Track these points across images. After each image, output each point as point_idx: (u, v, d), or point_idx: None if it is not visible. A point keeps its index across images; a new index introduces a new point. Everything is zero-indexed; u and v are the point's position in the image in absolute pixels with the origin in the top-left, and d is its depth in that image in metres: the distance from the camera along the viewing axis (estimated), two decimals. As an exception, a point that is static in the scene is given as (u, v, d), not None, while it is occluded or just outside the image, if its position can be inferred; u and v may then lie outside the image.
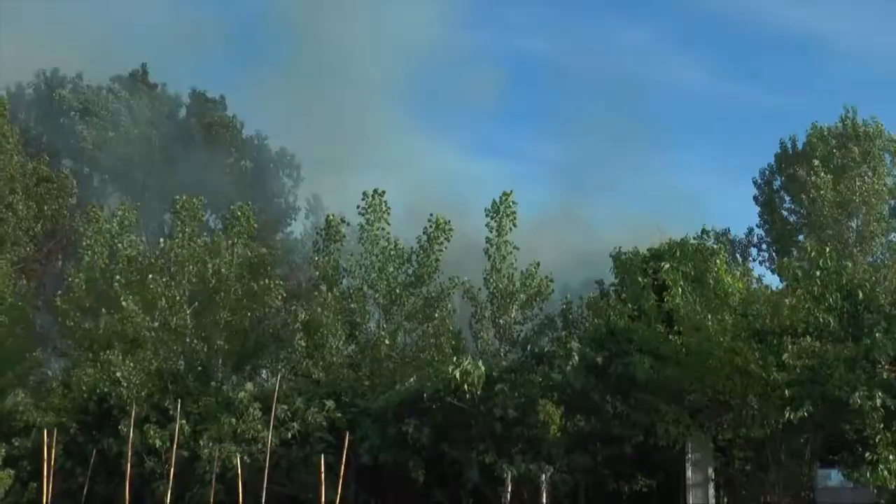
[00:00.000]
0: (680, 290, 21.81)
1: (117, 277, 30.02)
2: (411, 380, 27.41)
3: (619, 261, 28.41)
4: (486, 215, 28.96)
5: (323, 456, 15.26)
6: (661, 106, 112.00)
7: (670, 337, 22.53)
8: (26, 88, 60.83)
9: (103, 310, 30.50)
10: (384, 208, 30.24)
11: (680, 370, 22.28)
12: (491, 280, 28.66)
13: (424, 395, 25.84)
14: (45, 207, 47.80)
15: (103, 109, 59.49)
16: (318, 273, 30.92)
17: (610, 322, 26.30)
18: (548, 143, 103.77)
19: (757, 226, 44.83)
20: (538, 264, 29.21)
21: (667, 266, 22.81)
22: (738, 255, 42.54)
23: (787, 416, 21.15)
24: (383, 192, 30.50)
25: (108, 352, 29.01)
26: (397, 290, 29.76)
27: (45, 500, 15.80)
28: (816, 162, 40.00)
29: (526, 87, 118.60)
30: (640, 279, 25.17)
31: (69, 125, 58.98)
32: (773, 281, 36.08)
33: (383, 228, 30.12)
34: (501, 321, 28.73)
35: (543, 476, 13.51)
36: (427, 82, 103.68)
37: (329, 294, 29.77)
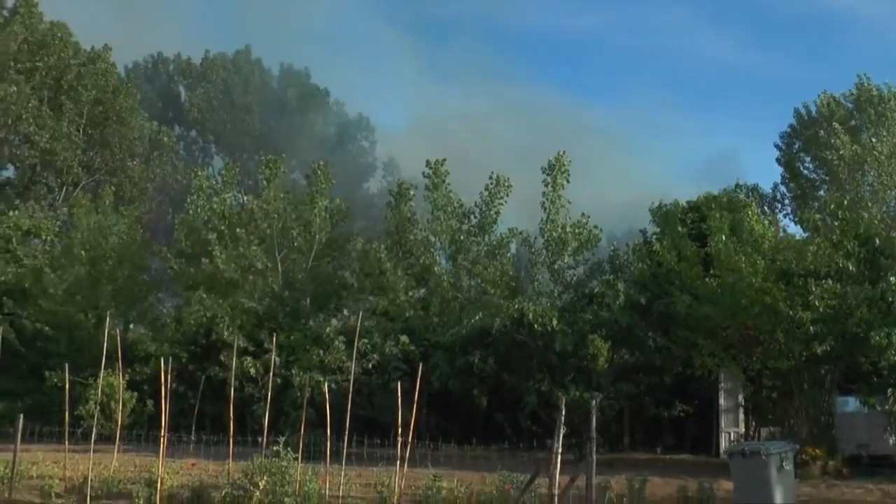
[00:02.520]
0: (723, 237, 21.89)
1: (213, 236, 30.69)
2: (477, 317, 27.72)
3: (660, 211, 28.46)
4: (543, 172, 29.12)
5: (399, 383, 15.54)
6: (694, 77, 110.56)
7: (707, 279, 22.53)
8: (142, 66, 61.87)
9: (203, 258, 31.16)
10: (445, 172, 30.65)
11: (715, 308, 22.30)
12: (546, 230, 28.84)
13: (492, 329, 26.18)
14: (158, 169, 48.90)
15: (208, 81, 60.39)
16: (391, 225, 31.32)
17: (652, 266, 26.41)
18: (595, 109, 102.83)
19: (781, 183, 44.58)
20: (588, 216, 29.32)
21: (716, 215, 22.95)
22: (765, 208, 42.24)
23: (810, 349, 21.28)
24: (444, 160, 30.98)
25: (209, 293, 29.72)
26: (461, 240, 30.10)
27: (163, 419, 16.27)
28: (836, 124, 39.65)
29: (573, 62, 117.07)
30: (679, 228, 25.25)
31: (178, 96, 59.91)
32: (797, 231, 35.87)
33: (446, 189, 30.55)
34: (556, 266, 28.89)
35: (593, 402, 13.68)
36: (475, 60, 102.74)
37: (401, 242, 30.24)
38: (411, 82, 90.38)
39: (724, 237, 21.94)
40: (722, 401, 25.30)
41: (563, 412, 12.75)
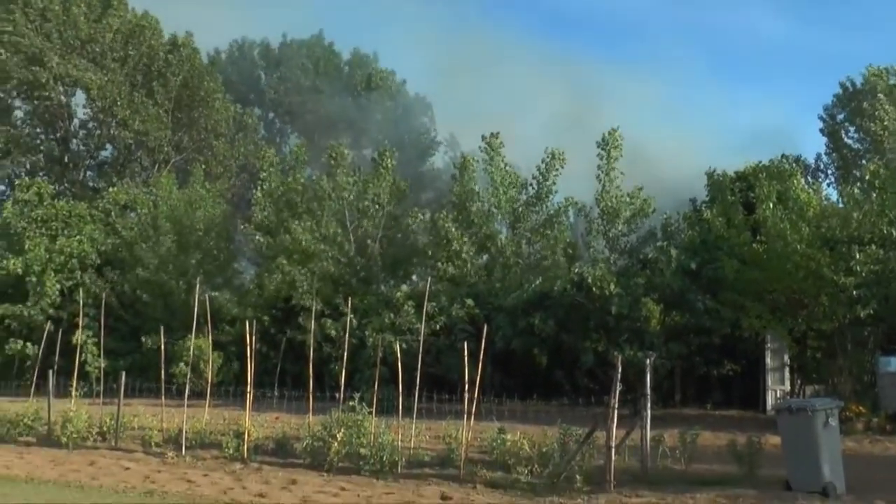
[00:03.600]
0: (771, 204, 21.54)
1: (290, 209, 30.99)
2: (537, 281, 27.68)
3: (711, 179, 28.12)
4: (597, 146, 28.88)
5: (465, 343, 15.59)
6: (741, 50, 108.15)
7: (754, 245, 22.24)
8: (222, 52, 62.38)
9: (281, 229, 31.46)
10: (500, 145, 30.50)
11: (762, 273, 22.00)
12: (601, 200, 28.64)
13: (551, 293, 26.14)
14: (241, 147, 49.44)
15: (285, 65, 60.76)
16: (454, 196, 31.31)
17: (702, 233, 26.13)
18: (644, 82, 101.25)
19: (824, 153, 43.70)
20: (641, 187, 29.06)
21: (765, 183, 22.59)
22: (809, 178, 41.48)
23: (853, 312, 20.93)
24: (498, 133, 30.80)
25: (287, 261, 30.04)
26: (520, 210, 30.01)
27: (248, 376, 16.50)
28: (881, 95, 38.76)
29: (624, 35, 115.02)
30: (729, 196, 24.95)
31: (259, 79, 60.35)
32: (840, 200, 35.19)
33: (501, 162, 30.43)
34: (610, 234, 28.72)
35: (647, 361, 13.60)
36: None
37: (463, 213, 30.23)
38: (466, 61, 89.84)
39: (771, 205, 21.59)
40: (768, 360, 25.03)
41: (619, 370, 12.68)
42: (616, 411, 12.47)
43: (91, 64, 43.69)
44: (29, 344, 31.64)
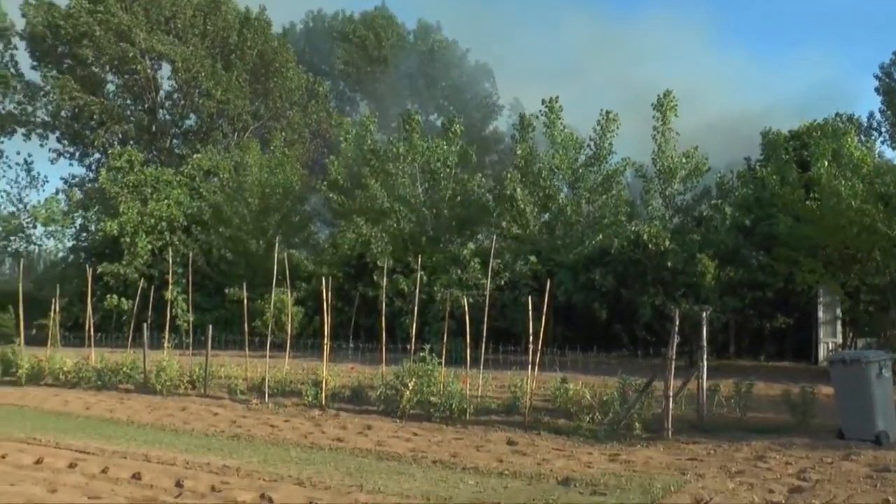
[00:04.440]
0: (826, 162, 21.01)
1: (365, 170, 31.08)
2: (597, 238, 27.47)
3: (766, 138, 27.51)
4: (653, 108, 28.40)
5: (528, 298, 15.56)
6: (795, 9, 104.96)
7: (808, 202, 21.75)
8: (297, 24, 62.67)
9: (356, 191, 31.60)
10: (559, 108, 30.15)
11: (816, 229, 21.54)
12: (657, 160, 28.22)
13: (611, 249, 25.93)
14: (314, 115, 49.75)
15: (353, 36, 60.75)
16: (517, 158, 31.11)
17: (756, 190, 25.64)
18: (698, 42, 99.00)
19: (879, 111, 42.39)
20: (696, 147, 28.53)
21: (819, 141, 22.06)
22: (862, 136, 40.34)
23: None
24: (557, 97, 30.41)
25: (360, 221, 30.19)
26: (579, 170, 29.73)
27: (325, 329, 16.69)
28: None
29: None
30: (783, 155, 24.41)
31: (328, 51, 60.48)
32: (893, 157, 34.25)
33: (561, 124, 30.11)
34: (667, 192, 28.31)
35: (704, 314, 13.42)
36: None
37: (526, 174, 30.04)
38: (525, 29, 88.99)
39: (826, 162, 21.05)
40: (821, 314, 24.58)
41: (677, 323, 12.55)
42: (673, 362, 12.38)
43: (174, 39, 44.31)
44: (125, 299, 32.44)
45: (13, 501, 8.17)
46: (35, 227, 43.76)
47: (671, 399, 12.08)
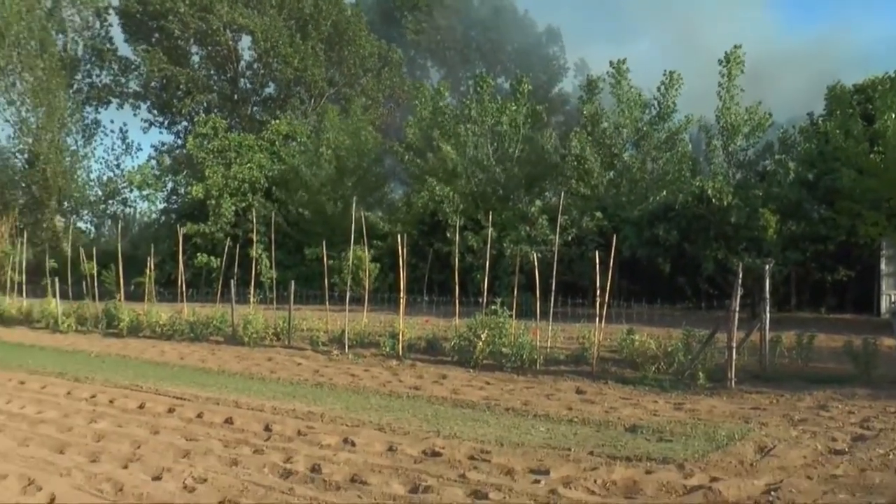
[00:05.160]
0: (893, 115, 20.27)
1: (437, 132, 31.02)
2: (661, 194, 27.10)
3: (832, 92, 26.60)
4: (719, 64, 27.69)
5: (595, 252, 15.45)
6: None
7: (872, 155, 21.06)
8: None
9: (428, 153, 31.61)
10: (625, 70, 29.66)
11: (879, 182, 20.87)
12: (721, 116, 27.58)
13: (674, 205, 25.57)
14: (388, 81, 49.74)
15: (424, 4, 60.35)
16: (583, 118, 30.73)
17: (819, 144, 24.91)
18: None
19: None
20: (759, 102, 27.78)
21: (885, 96, 21.29)
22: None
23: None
24: (625, 59, 30.00)
25: (433, 181, 30.22)
26: (644, 128, 29.27)
27: (400, 284, 16.83)
28: None
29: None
30: (848, 108, 23.62)
31: (400, 18, 60.22)
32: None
33: (627, 84, 29.61)
34: (730, 148, 27.71)
35: (766, 267, 13.18)
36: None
37: (592, 133, 29.69)
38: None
39: (892, 115, 20.30)
40: (883, 266, 23.90)
41: (740, 276, 12.33)
42: (737, 314, 12.19)
43: (254, 11, 44.65)
44: (212, 258, 33.17)
45: (122, 442, 8.50)
46: (131, 190, 45.16)
47: (734, 350, 11.92)
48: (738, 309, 12.21)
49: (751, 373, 12.43)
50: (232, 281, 19.93)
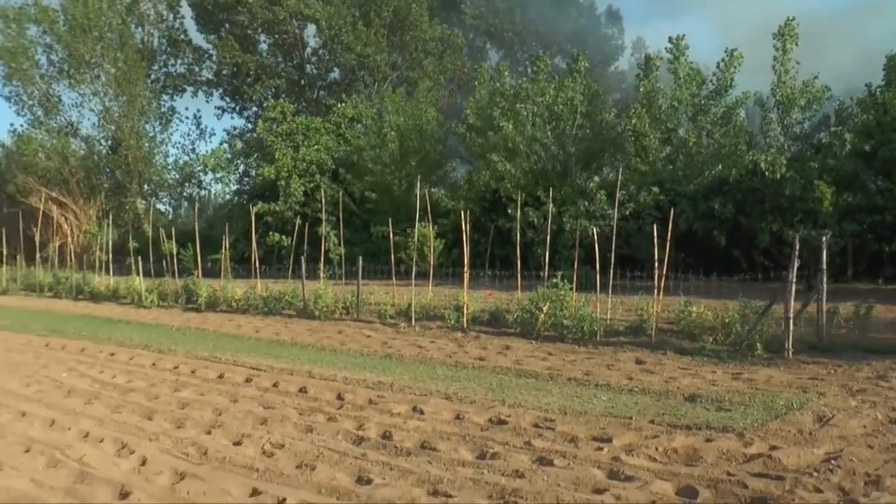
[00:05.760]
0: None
1: (497, 110, 30.84)
2: (717, 169, 26.59)
3: (892, 62, 25.66)
4: (773, 37, 26.94)
5: (652, 226, 15.27)
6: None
7: (931, 125, 20.33)
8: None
9: (489, 132, 31.49)
10: (684, 46, 29.10)
11: (940, 152, 20.20)
12: (777, 90, 26.87)
13: (729, 179, 25.07)
14: (449, 64, 49.64)
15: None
16: (640, 95, 30.27)
17: (877, 115, 24.10)
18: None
19: None
20: (816, 76, 26.98)
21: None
22: None
23: None
24: (683, 35, 29.38)
25: (495, 159, 30.13)
26: (700, 104, 28.73)
27: (464, 259, 16.88)
28: None
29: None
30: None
31: (458, 4, 59.88)
32: None
33: (686, 61, 29.08)
34: (785, 122, 27.00)
35: (823, 238, 12.87)
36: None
37: (649, 109, 29.24)
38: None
39: None
40: (942, 236, 23.13)
41: (797, 248, 12.08)
42: (794, 286, 11.96)
43: (318, 1, 44.91)
44: (283, 236, 33.66)
45: (204, 410, 8.74)
46: (205, 173, 46.04)
47: (791, 320, 11.71)
48: (794, 280, 11.97)
49: (808, 343, 12.21)
50: (302, 258, 20.23)
